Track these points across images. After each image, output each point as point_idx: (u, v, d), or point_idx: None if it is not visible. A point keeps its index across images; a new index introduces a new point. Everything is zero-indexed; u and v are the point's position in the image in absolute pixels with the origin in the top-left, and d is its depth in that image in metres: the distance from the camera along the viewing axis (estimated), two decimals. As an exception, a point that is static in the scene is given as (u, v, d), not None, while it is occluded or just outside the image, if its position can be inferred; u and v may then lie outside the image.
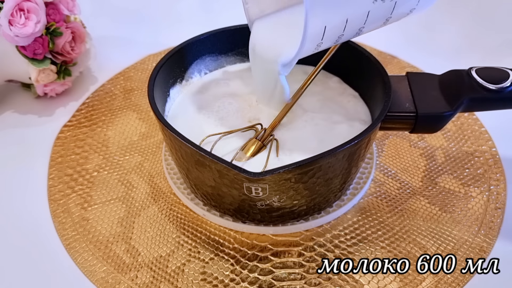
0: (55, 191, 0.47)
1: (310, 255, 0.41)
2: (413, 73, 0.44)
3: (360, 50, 0.45)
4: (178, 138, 0.37)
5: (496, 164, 0.49)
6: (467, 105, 0.41)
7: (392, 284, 0.40)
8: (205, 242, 0.42)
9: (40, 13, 0.50)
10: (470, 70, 0.42)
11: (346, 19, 0.34)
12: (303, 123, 0.43)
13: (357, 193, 0.45)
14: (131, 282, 0.40)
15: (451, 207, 0.45)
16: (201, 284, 0.40)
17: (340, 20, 0.34)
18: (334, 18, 0.34)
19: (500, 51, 0.63)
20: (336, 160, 0.37)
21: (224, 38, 0.49)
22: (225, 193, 0.39)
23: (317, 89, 0.47)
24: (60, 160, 0.50)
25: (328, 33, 0.34)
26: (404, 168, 0.49)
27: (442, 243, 0.42)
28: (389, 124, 0.42)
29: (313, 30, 0.32)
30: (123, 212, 0.45)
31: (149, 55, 0.64)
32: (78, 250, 0.42)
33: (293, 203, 0.40)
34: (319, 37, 0.34)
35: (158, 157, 0.50)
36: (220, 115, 0.44)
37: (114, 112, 0.56)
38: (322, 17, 0.33)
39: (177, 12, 0.74)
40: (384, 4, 0.35)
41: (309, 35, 0.32)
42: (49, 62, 0.52)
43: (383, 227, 0.44)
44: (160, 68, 0.44)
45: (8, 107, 0.57)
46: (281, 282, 0.40)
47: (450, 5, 0.71)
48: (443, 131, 0.52)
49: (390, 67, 0.61)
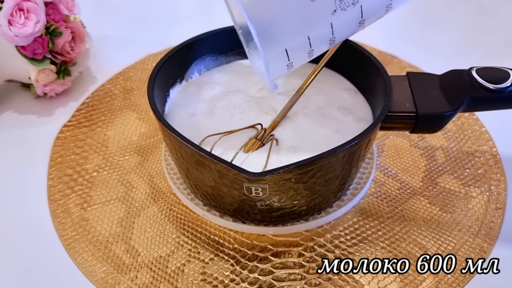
0: (54, 191, 0.47)
1: (310, 256, 0.41)
2: (414, 73, 0.44)
3: (360, 50, 0.45)
4: (178, 138, 0.37)
5: (497, 164, 0.49)
6: (468, 105, 0.41)
7: (393, 284, 0.39)
8: (205, 242, 0.42)
9: (40, 13, 0.50)
10: (471, 70, 0.41)
11: (307, 36, 0.34)
12: (303, 122, 0.43)
13: (357, 193, 0.45)
14: (131, 283, 0.40)
15: (451, 207, 0.45)
16: (201, 284, 0.40)
17: (301, 40, 0.34)
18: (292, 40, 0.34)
19: (500, 51, 0.63)
20: (336, 160, 0.37)
21: (224, 38, 0.49)
22: (225, 193, 0.39)
23: (318, 89, 0.47)
24: (60, 160, 0.50)
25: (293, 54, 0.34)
26: (404, 168, 0.49)
27: (442, 243, 0.42)
28: (389, 124, 0.42)
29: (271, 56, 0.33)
30: (122, 212, 0.45)
31: (149, 55, 0.64)
32: (78, 251, 0.42)
33: (293, 203, 0.39)
34: (284, 59, 0.34)
35: (158, 157, 0.50)
36: (220, 115, 0.44)
37: (114, 112, 0.56)
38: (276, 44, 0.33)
39: (177, 12, 0.74)
40: (346, 12, 0.35)
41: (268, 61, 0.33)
42: (48, 62, 0.52)
43: (383, 227, 0.44)
44: (160, 68, 0.43)
45: (8, 107, 0.57)
46: (281, 282, 0.40)
47: (450, 5, 0.71)
48: (444, 131, 0.52)
49: (390, 67, 0.61)
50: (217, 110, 0.45)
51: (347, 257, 0.41)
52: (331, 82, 0.48)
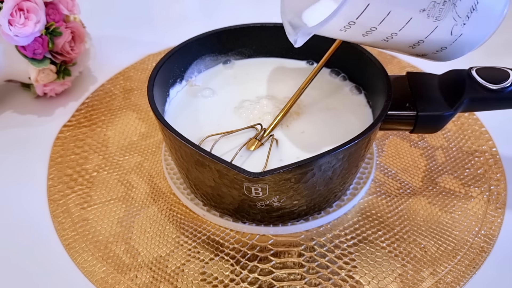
0: (54, 191, 0.47)
1: (310, 255, 0.41)
2: (413, 73, 0.44)
3: (361, 50, 0.45)
4: (178, 138, 0.37)
5: (497, 164, 0.49)
6: (468, 105, 0.41)
7: (392, 284, 0.39)
8: (205, 242, 0.42)
9: (40, 13, 0.50)
10: (471, 70, 0.41)
11: (389, 11, 0.32)
12: (303, 122, 0.43)
13: (357, 193, 0.45)
14: (131, 282, 0.40)
15: (451, 207, 0.45)
16: (201, 284, 0.40)
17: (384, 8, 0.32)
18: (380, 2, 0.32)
19: (500, 51, 0.63)
20: (336, 160, 0.37)
21: (224, 38, 0.49)
22: (225, 193, 0.39)
23: (318, 89, 0.47)
24: (60, 160, 0.50)
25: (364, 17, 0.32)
26: (404, 168, 0.49)
27: (442, 243, 0.42)
28: (389, 124, 0.42)
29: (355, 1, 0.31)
30: (122, 212, 0.45)
31: (149, 55, 0.64)
32: (78, 250, 0.42)
33: (293, 203, 0.39)
34: (355, 15, 0.32)
35: (157, 157, 0.50)
36: (220, 115, 0.44)
37: (113, 112, 0.56)
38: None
39: (177, 12, 0.74)
40: (426, 20, 0.34)
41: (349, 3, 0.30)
42: (48, 62, 0.52)
43: (383, 227, 0.43)
44: (160, 68, 0.43)
45: (8, 107, 0.57)
46: (281, 282, 0.40)
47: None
48: (444, 131, 0.52)
49: (390, 67, 0.61)
50: (217, 110, 0.45)
51: (347, 257, 0.41)
52: (331, 82, 0.48)
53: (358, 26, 0.33)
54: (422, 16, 0.33)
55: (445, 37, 0.36)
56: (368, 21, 0.33)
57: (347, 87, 0.47)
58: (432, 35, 0.35)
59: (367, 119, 0.44)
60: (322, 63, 0.44)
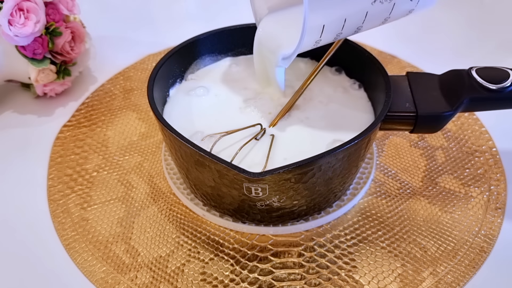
0: (54, 191, 0.47)
1: (310, 256, 0.41)
2: (413, 73, 0.44)
3: (361, 50, 0.45)
4: (177, 138, 0.37)
5: (497, 164, 0.49)
6: (467, 105, 0.41)
7: (392, 284, 0.39)
8: (205, 242, 0.42)
9: (40, 13, 0.50)
10: (470, 70, 0.41)
11: (344, 19, 0.35)
12: (303, 122, 0.43)
13: (357, 193, 0.45)
14: (131, 283, 0.40)
15: (451, 207, 0.45)
16: (201, 284, 0.40)
17: (339, 19, 0.35)
18: (333, 17, 0.35)
19: (500, 51, 0.63)
20: (336, 160, 0.37)
21: (224, 38, 0.49)
22: (225, 193, 0.39)
23: (318, 89, 0.47)
24: (60, 160, 0.50)
25: (326, 31, 0.35)
26: (404, 168, 0.49)
27: (442, 243, 0.42)
28: (389, 124, 0.42)
29: (312, 26, 0.34)
30: (122, 212, 0.45)
31: (149, 55, 0.64)
32: (78, 250, 0.42)
33: (293, 203, 0.39)
34: (318, 34, 0.35)
35: (157, 157, 0.50)
36: (219, 115, 0.44)
37: (113, 112, 0.56)
38: (321, 15, 0.34)
39: (177, 12, 0.74)
40: (382, 5, 0.36)
41: (307, 30, 0.33)
42: (48, 62, 0.52)
43: (383, 227, 0.43)
44: (159, 68, 0.43)
45: (8, 107, 0.57)
46: (281, 282, 0.40)
47: (450, 5, 0.71)
48: (443, 131, 0.52)
49: (390, 67, 0.61)
50: (217, 110, 0.45)
51: (347, 257, 0.41)
52: (331, 82, 0.48)
53: (326, 38, 0.37)
54: (377, 5, 0.36)
55: (407, 5, 0.38)
56: (331, 32, 0.36)
57: (347, 87, 0.47)
58: (394, 11, 0.37)
59: (367, 119, 0.44)
60: (322, 63, 0.44)
